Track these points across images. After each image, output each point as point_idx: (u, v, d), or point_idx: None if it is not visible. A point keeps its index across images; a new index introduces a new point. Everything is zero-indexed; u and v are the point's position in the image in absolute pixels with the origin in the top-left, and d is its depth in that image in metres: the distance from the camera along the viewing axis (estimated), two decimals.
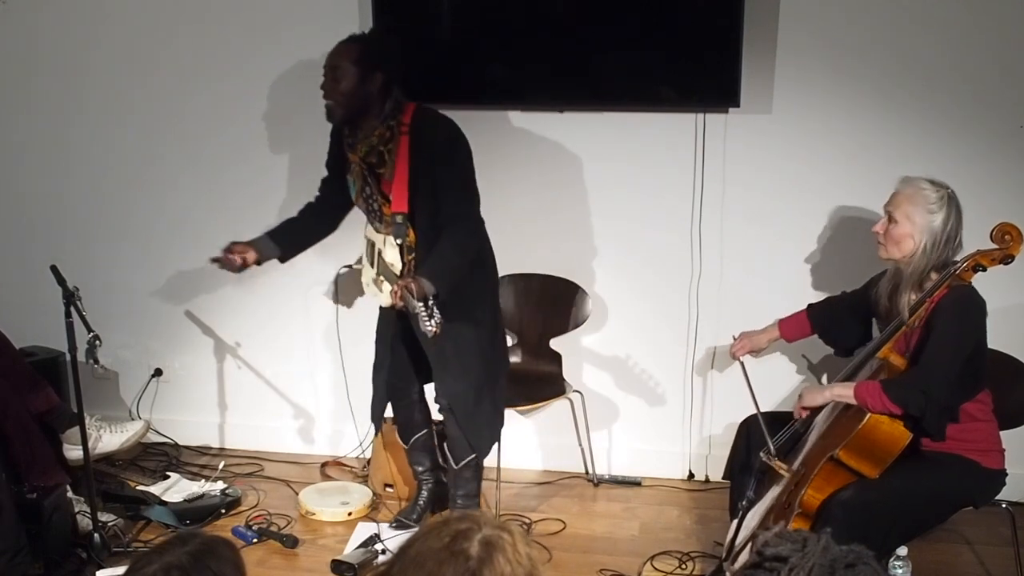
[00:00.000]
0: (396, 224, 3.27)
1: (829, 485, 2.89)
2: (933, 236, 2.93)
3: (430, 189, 3.24)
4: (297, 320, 4.32)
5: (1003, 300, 3.18)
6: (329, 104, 3.27)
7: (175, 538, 1.81)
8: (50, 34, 4.22)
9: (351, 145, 3.33)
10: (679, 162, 3.89)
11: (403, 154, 3.24)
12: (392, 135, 3.25)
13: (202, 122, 4.20)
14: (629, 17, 3.70)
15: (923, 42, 3.65)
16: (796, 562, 1.44)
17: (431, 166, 3.23)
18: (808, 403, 3.06)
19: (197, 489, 3.92)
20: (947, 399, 2.87)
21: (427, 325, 3.02)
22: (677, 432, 4.16)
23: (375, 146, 3.26)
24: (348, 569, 3.41)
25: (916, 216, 2.94)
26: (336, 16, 3.96)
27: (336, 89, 3.24)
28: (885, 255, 3.04)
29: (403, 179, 3.24)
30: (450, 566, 1.51)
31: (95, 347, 3.36)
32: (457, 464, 3.55)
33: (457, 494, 3.60)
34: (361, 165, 3.32)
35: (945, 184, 2.99)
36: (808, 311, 3.40)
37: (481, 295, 3.47)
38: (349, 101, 3.23)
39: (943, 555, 3.52)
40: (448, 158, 3.26)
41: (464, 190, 3.31)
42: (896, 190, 3.05)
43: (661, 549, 3.58)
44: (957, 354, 2.89)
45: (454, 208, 3.26)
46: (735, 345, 3.39)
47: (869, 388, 2.88)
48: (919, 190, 2.97)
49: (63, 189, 4.37)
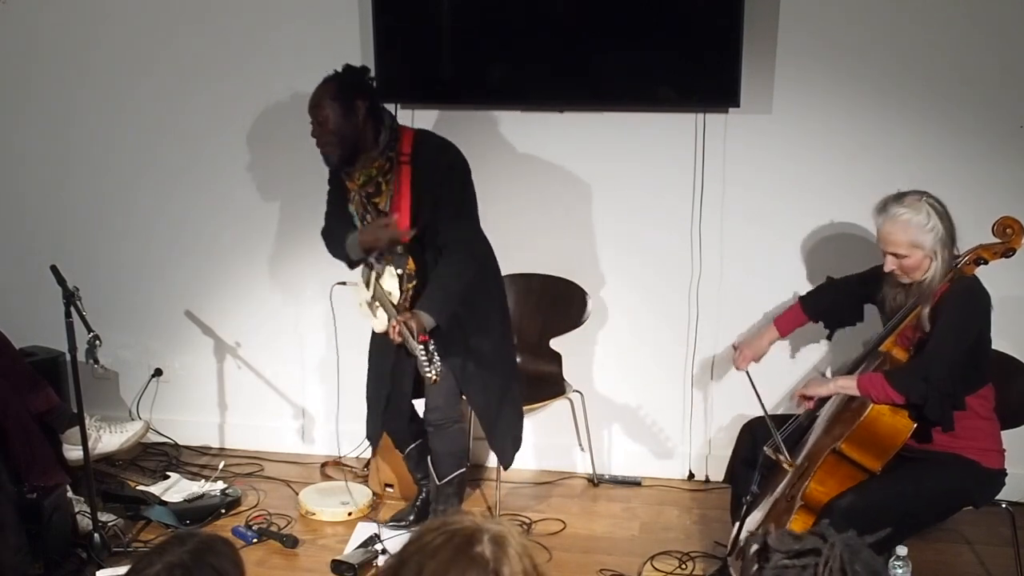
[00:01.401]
0: (396, 254, 3.30)
1: (832, 478, 2.90)
2: (943, 242, 2.93)
3: (432, 216, 3.26)
4: (297, 320, 4.32)
5: (1002, 293, 3.17)
6: (324, 149, 3.28)
7: (174, 538, 1.82)
8: (50, 34, 4.22)
9: (347, 174, 3.34)
10: (679, 162, 3.89)
11: (404, 183, 3.26)
12: (391, 166, 3.27)
13: (202, 122, 4.20)
14: (629, 17, 3.71)
15: (923, 42, 3.65)
16: (827, 552, 1.55)
17: (431, 193, 3.25)
18: (811, 391, 3.07)
19: (197, 489, 3.92)
20: (949, 385, 2.87)
21: (427, 371, 3.09)
22: (677, 432, 4.16)
23: (373, 176, 3.29)
24: (348, 569, 3.41)
25: (920, 240, 2.92)
26: (336, 15, 3.96)
27: (326, 130, 3.25)
28: (910, 280, 3.00)
29: (405, 209, 3.26)
30: (473, 573, 1.50)
31: (95, 347, 3.36)
32: (441, 480, 3.57)
33: (438, 508, 3.61)
34: (360, 194, 3.34)
35: (916, 193, 2.96)
36: (801, 302, 3.38)
37: (492, 302, 3.50)
38: (341, 138, 3.24)
39: (943, 555, 3.52)
40: (447, 183, 3.27)
41: (462, 215, 3.32)
42: (881, 229, 2.98)
43: (661, 549, 3.58)
44: (959, 343, 2.90)
45: (453, 233, 3.28)
46: (737, 358, 3.33)
47: (872, 379, 2.90)
48: (906, 221, 2.92)
49: (63, 189, 4.38)
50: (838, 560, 1.54)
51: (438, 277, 3.27)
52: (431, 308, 3.20)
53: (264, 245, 4.28)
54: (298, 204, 4.19)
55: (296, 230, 4.21)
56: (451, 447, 3.56)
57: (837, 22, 3.69)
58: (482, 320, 3.44)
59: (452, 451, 3.57)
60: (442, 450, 3.55)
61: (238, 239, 4.30)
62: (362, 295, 3.49)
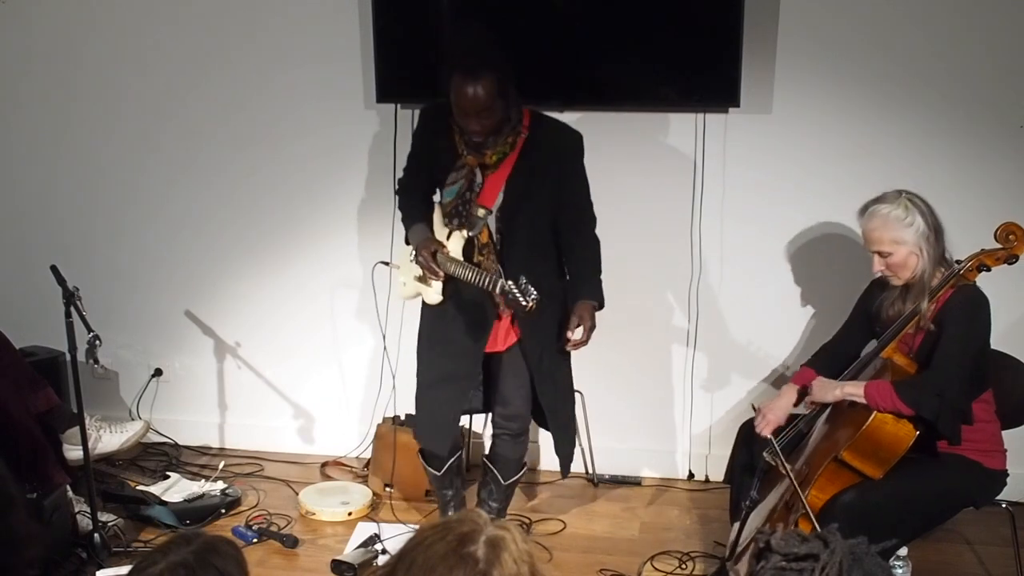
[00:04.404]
0: (476, 217, 3.16)
1: (833, 485, 2.89)
2: (927, 238, 2.95)
3: (544, 193, 3.17)
4: (297, 320, 4.31)
5: (1004, 299, 3.18)
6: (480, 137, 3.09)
7: (178, 538, 1.83)
8: (50, 33, 4.22)
9: (476, 148, 3.13)
10: (679, 162, 3.89)
11: (512, 155, 3.16)
12: (515, 139, 3.16)
13: (202, 121, 4.20)
14: (629, 17, 3.71)
15: (923, 42, 3.65)
16: (826, 558, 1.55)
17: (552, 169, 3.17)
18: (818, 398, 3.06)
19: (197, 489, 3.92)
20: (961, 401, 2.87)
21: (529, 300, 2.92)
22: (677, 432, 4.16)
23: (507, 154, 3.15)
24: (348, 569, 3.41)
25: (902, 236, 2.95)
26: (336, 15, 3.96)
27: (490, 124, 3.06)
28: (899, 282, 3.02)
29: (502, 178, 3.16)
30: (460, 570, 1.51)
31: (95, 347, 3.35)
32: (506, 481, 3.51)
33: (495, 507, 3.53)
34: (479, 167, 3.17)
35: (896, 191, 3.01)
36: (811, 365, 3.29)
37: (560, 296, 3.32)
38: (497, 126, 3.08)
39: (943, 555, 3.52)
40: (572, 161, 3.22)
41: (586, 194, 3.28)
42: (864, 228, 3.04)
43: (661, 549, 3.58)
44: (967, 355, 2.90)
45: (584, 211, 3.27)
46: (760, 423, 3.18)
47: (880, 388, 2.88)
48: (886, 216, 2.97)
49: (63, 188, 4.37)
50: (836, 567, 1.54)
51: (583, 260, 3.25)
52: (594, 294, 3.20)
53: (264, 244, 4.28)
54: (298, 203, 4.19)
55: (296, 229, 4.21)
56: (521, 453, 3.48)
57: (837, 22, 3.69)
58: (553, 313, 3.27)
59: (520, 456, 3.50)
60: (514, 457, 3.47)
61: (238, 239, 4.29)
62: (407, 274, 3.36)
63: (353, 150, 4.09)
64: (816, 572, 1.55)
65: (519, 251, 3.22)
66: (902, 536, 2.81)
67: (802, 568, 1.56)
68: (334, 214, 4.16)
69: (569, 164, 3.22)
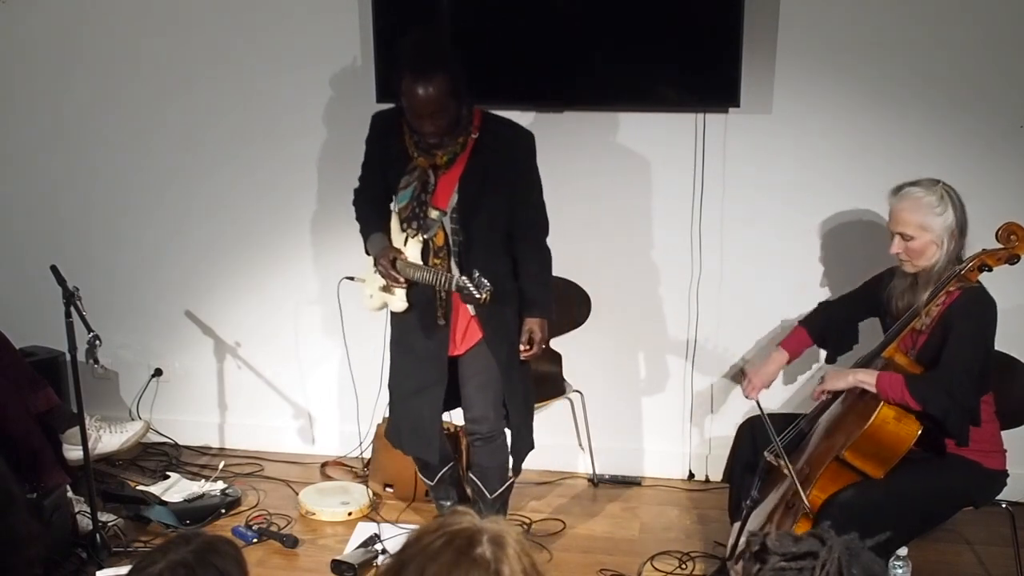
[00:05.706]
0: (431, 220, 3.13)
1: (834, 485, 2.89)
2: (951, 233, 2.95)
3: (499, 193, 3.14)
4: (297, 320, 4.32)
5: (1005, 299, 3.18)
6: (436, 139, 3.05)
7: (178, 537, 1.83)
8: (49, 34, 4.22)
9: (427, 150, 3.10)
10: (679, 162, 3.89)
11: (464, 155, 3.12)
12: (466, 139, 3.12)
13: (201, 121, 4.20)
14: (629, 17, 3.70)
15: (923, 42, 3.65)
16: (825, 555, 1.56)
17: (502, 172, 3.14)
18: (831, 386, 3.03)
19: (197, 489, 3.92)
20: (970, 400, 2.87)
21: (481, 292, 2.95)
22: (677, 432, 4.16)
23: (458, 154, 3.12)
24: (348, 569, 3.41)
25: (930, 223, 2.94)
26: (336, 15, 3.96)
27: (443, 125, 3.02)
28: (912, 269, 3.01)
29: (455, 178, 3.13)
30: (476, 574, 1.51)
31: (95, 347, 3.35)
32: (492, 495, 3.39)
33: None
34: (431, 169, 3.14)
35: (934, 180, 3.00)
36: (804, 325, 3.35)
37: (514, 297, 3.30)
38: (450, 126, 3.04)
39: (943, 555, 3.52)
40: (522, 162, 3.18)
41: (534, 199, 3.25)
42: (894, 208, 3.03)
43: (661, 549, 3.58)
44: (977, 355, 2.90)
45: (532, 217, 3.23)
46: (747, 386, 3.25)
47: (892, 380, 2.87)
48: (918, 199, 2.96)
49: (62, 188, 4.37)
50: (835, 563, 1.55)
51: (531, 275, 3.23)
52: (543, 310, 3.20)
53: (264, 244, 4.28)
54: (297, 203, 4.19)
55: (295, 229, 4.21)
56: (500, 459, 3.38)
57: (837, 22, 3.69)
58: (511, 317, 3.27)
59: (501, 463, 3.39)
60: (491, 464, 3.36)
61: (238, 238, 4.29)
62: (372, 286, 3.35)
63: (353, 150, 4.08)
64: (817, 570, 1.55)
65: (477, 254, 3.17)
66: (900, 535, 2.80)
67: (802, 567, 1.57)
68: (334, 213, 4.15)
69: (522, 163, 3.18)
